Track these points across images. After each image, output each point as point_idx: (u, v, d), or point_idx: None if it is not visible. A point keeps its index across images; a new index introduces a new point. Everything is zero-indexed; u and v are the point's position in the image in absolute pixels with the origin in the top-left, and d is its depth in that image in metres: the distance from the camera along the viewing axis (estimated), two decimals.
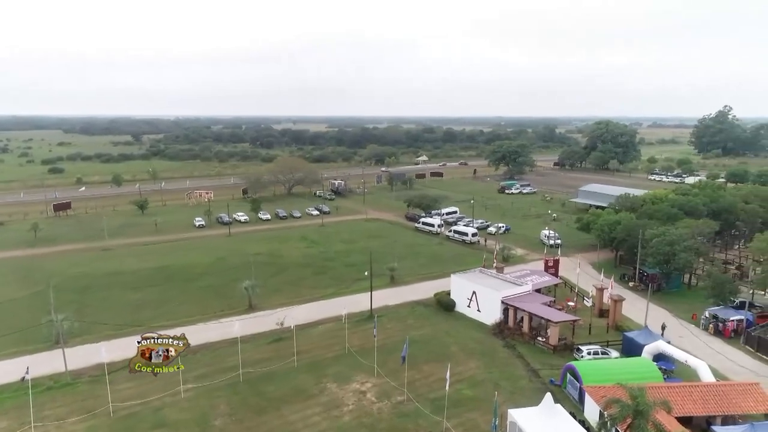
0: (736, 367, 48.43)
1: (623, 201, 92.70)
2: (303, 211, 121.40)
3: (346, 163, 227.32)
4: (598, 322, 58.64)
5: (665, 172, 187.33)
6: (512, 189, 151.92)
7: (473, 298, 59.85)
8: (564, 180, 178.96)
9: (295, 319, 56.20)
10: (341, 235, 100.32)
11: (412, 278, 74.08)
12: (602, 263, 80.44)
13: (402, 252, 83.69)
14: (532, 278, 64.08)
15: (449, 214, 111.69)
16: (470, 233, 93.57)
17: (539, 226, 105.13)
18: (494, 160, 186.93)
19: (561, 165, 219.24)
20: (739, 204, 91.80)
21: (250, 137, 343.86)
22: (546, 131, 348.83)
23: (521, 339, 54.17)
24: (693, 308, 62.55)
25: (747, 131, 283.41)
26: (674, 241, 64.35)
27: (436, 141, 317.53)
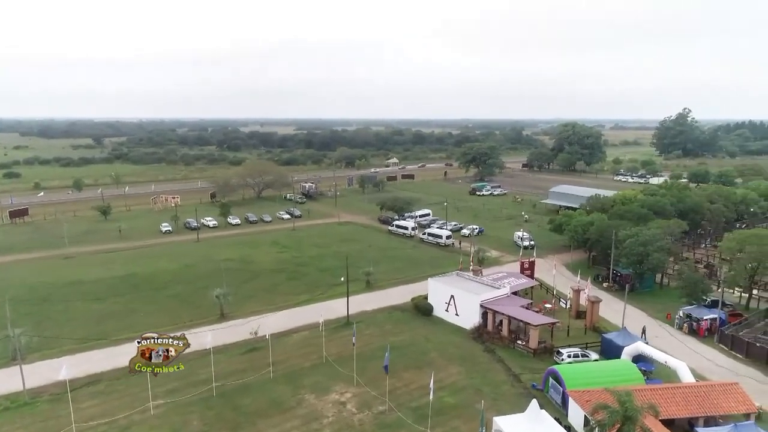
0: (713, 367, 48.88)
1: (594, 202, 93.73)
2: (274, 215, 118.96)
3: (316, 165, 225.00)
4: (576, 323, 58.68)
5: (630, 173, 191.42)
6: (483, 190, 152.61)
7: (451, 302, 59.07)
8: (533, 181, 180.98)
9: (270, 327, 54.28)
10: (314, 239, 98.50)
11: (388, 282, 72.95)
12: (575, 264, 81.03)
13: (377, 256, 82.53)
14: (509, 281, 63.76)
15: (422, 217, 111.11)
16: (444, 236, 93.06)
17: (512, 228, 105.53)
18: (465, 162, 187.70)
19: (529, 166, 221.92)
20: (704, 204, 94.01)
21: (217, 140, 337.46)
22: (513, 133, 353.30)
23: (501, 343, 53.61)
24: (666, 308, 63.27)
25: (705, 133, 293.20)
26: (647, 242, 65.01)
27: (406, 143, 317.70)
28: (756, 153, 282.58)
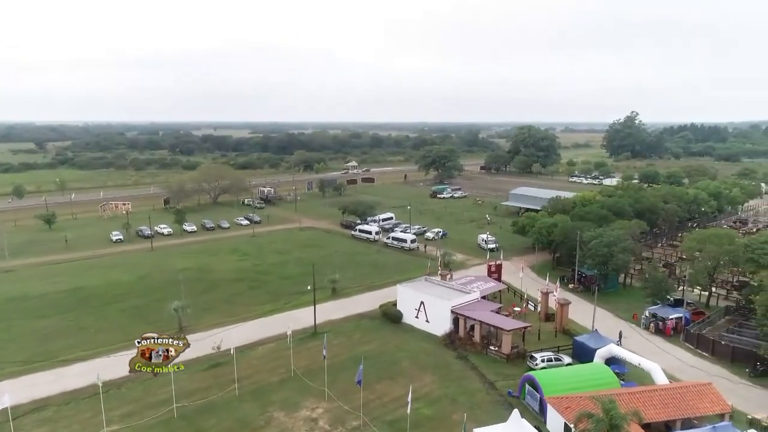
0: (683, 366, 49.26)
1: (556, 204, 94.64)
2: (232, 221, 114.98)
3: (274, 169, 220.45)
4: (545, 326, 58.41)
5: (584, 175, 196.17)
6: (444, 193, 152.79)
7: (421, 308, 57.77)
8: (491, 183, 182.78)
9: (233, 340, 51.43)
10: (275, 245, 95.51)
11: (354, 289, 71.09)
12: (540, 266, 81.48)
13: (341, 262, 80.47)
14: (478, 285, 63.07)
15: (385, 221, 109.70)
16: (409, 239, 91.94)
17: (475, 230, 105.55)
18: (424, 165, 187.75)
19: (487, 169, 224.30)
20: (659, 204, 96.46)
21: (169, 144, 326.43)
22: (470, 136, 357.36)
23: (473, 349, 52.62)
24: (631, 308, 64.00)
25: (652, 135, 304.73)
26: (612, 243, 65.65)
27: (364, 146, 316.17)
28: (699, 154, 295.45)
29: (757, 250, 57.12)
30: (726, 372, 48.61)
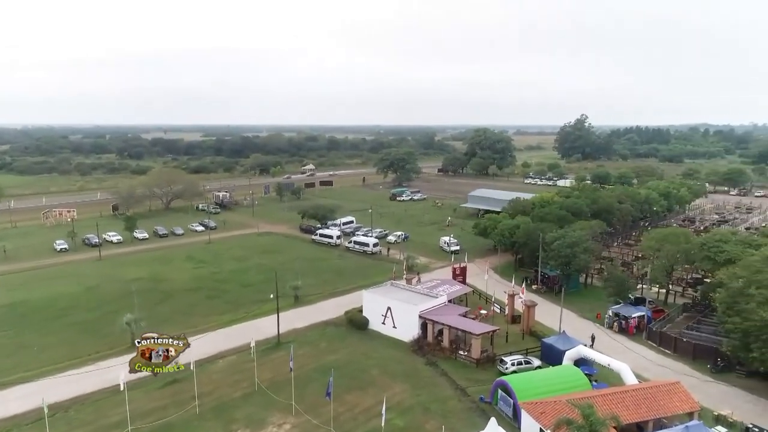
0: (649, 365, 49.76)
1: (516, 205, 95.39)
2: (186, 227, 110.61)
3: (229, 173, 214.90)
4: (512, 329, 58.19)
5: (539, 176, 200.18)
6: (403, 196, 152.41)
7: (388, 314, 56.52)
8: (449, 186, 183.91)
9: (192, 354, 48.58)
10: (232, 252, 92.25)
11: (317, 296, 69.13)
12: (503, 267, 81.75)
13: (302, 267, 78.24)
14: (444, 288, 62.40)
15: (346, 224, 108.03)
16: (371, 243, 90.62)
17: (436, 233, 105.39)
18: (382, 168, 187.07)
19: (445, 171, 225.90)
20: (614, 204, 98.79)
21: (117, 147, 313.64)
22: (426, 139, 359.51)
23: (442, 354, 51.77)
24: (594, 307, 64.70)
25: (601, 138, 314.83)
26: (574, 243, 66.30)
27: (321, 149, 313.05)
28: (644, 155, 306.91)
29: (712, 248, 58.76)
30: (688, 369, 49.50)
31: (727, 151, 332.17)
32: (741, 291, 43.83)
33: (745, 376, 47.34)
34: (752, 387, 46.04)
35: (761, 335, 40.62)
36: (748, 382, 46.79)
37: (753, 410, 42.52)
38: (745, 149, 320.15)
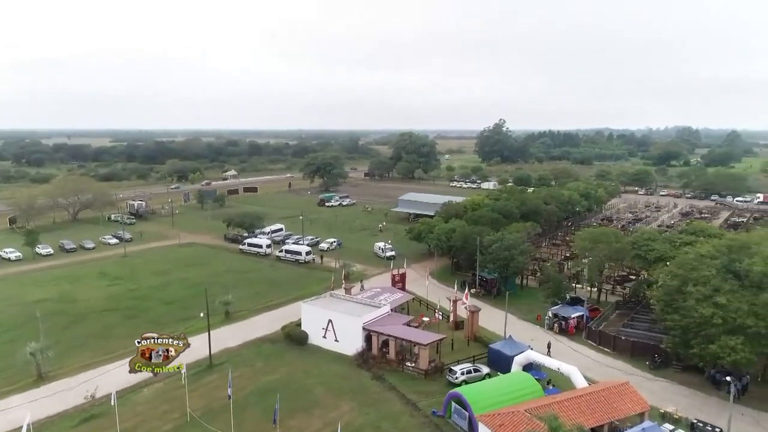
0: (592, 365, 50.03)
1: (449, 209, 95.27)
2: (97, 240, 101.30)
3: (143, 180, 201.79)
4: (457, 335, 57.00)
5: (464, 179, 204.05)
6: (332, 201, 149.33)
7: (329, 327, 53.53)
8: (377, 190, 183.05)
9: (111, 384, 43.57)
10: (152, 265, 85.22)
11: (250, 311, 64.76)
12: (439, 272, 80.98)
13: (232, 280, 73.47)
14: (386, 297, 60.33)
15: (275, 232, 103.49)
16: (304, 252, 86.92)
17: (369, 239, 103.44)
18: (309, 173, 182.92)
19: (371, 175, 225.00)
20: (541, 205, 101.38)
21: (13, 154, 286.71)
22: (350, 143, 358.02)
23: (388, 367, 49.51)
24: (532, 309, 65.07)
25: (518, 141, 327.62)
26: (511, 246, 66.51)
27: (242, 154, 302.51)
28: (558, 158, 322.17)
29: (643, 247, 60.82)
30: (629, 366, 50.42)
31: (630, 154, 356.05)
32: (678, 289, 45.00)
33: (682, 371, 48.84)
34: (689, 381, 47.48)
35: (700, 331, 41.72)
36: (684, 376, 48.25)
37: (693, 404, 43.69)
38: (645, 152, 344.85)
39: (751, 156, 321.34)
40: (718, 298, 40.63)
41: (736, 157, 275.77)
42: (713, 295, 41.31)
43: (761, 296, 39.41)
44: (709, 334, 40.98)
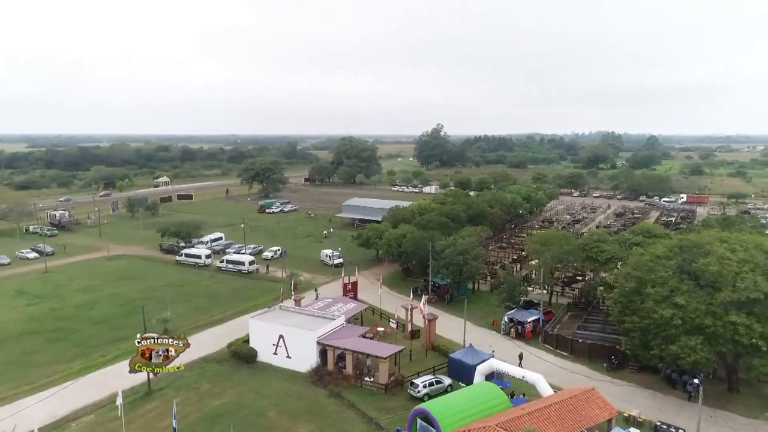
0: (553, 369, 49.37)
1: (396, 214, 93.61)
2: (13, 254, 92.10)
3: (65, 189, 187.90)
4: (413, 345, 54.96)
5: (405, 184, 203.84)
6: (273, 207, 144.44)
7: (280, 342, 50.15)
8: (318, 195, 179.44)
9: (34, 419, 38.34)
10: (78, 281, 78.10)
11: (190, 328, 59.89)
12: (389, 278, 78.96)
13: (169, 295, 68.13)
14: (339, 307, 57.52)
15: (215, 242, 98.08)
16: (247, 261, 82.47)
17: (314, 246, 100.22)
18: (247, 179, 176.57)
19: (312, 180, 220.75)
20: (487, 209, 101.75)
21: None
22: (288, 148, 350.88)
23: (346, 383, 46.79)
24: (486, 313, 64.24)
25: (456, 146, 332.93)
26: (465, 250, 65.48)
27: (174, 160, 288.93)
28: (494, 162, 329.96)
29: (593, 248, 61.36)
30: (587, 369, 50.26)
31: (561, 157, 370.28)
32: (636, 290, 45.11)
33: (638, 371, 49.19)
34: (646, 381, 47.79)
35: (660, 332, 41.83)
36: (641, 376, 48.58)
37: (653, 405, 43.81)
38: (575, 155, 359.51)
39: (669, 159, 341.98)
40: (676, 299, 40.82)
41: (656, 160, 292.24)
42: (671, 295, 41.51)
43: (717, 296, 39.86)
44: (668, 335, 41.11)
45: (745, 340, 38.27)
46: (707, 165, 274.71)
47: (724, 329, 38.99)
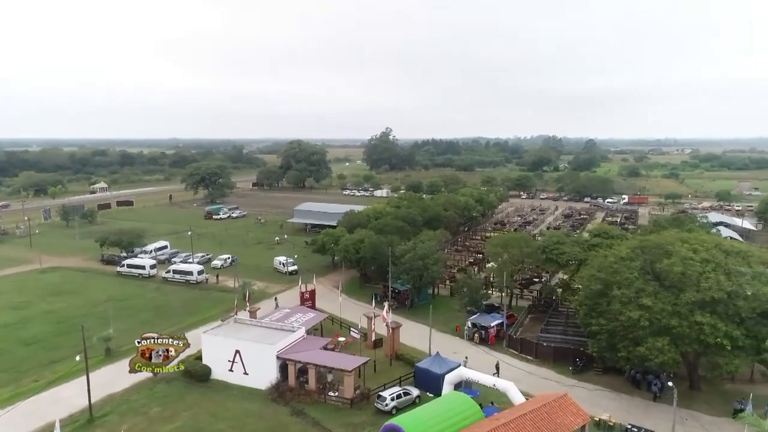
0: (521, 375, 48.55)
1: (351, 218, 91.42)
2: None
3: None
4: (377, 355, 52.96)
5: (356, 187, 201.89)
6: (220, 213, 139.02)
7: (237, 358, 46.98)
8: (268, 200, 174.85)
9: None
10: (6, 297, 71.53)
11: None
12: (346, 285, 76.62)
13: (111, 309, 63.24)
14: (298, 318, 54.84)
15: (159, 251, 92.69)
16: (196, 271, 78.06)
17: (266, 253, 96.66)
18: (192, 184, 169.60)
19: (260, 185, 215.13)
20: (442, 212, 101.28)
21: None
22: (234, 152, 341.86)
23: (308, 399, 44.25)
24: (447, 319, 63.10)
25: (405, 150, 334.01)
26: (425, 255, 64.18)
27: (112, 165, 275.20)
28: (442, 165, 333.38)
29: (554, 251, 61.37)
30: (553, 373, 49.84)
31: (507, 160, 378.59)
32: (601, 292, 44.96)
33: (602, 373, 49.18)
34: (611, 383, 47.78)
35: (627, 334, 41.70)
36: (606, 378, 48.57)
37: (620, 407, 43.70)
38: (519, 158, 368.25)
39: (608, 162, 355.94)
40: (643, 300, 40.79)
41: (596, 162, 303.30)
42: (638, 297, 41.48)
43: (682, 296, 40.08)
44: (636, 336, 41.02)
45: (711, 340, 38.57)
46: (643, 167, 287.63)
47: (690, 329, 39.19)
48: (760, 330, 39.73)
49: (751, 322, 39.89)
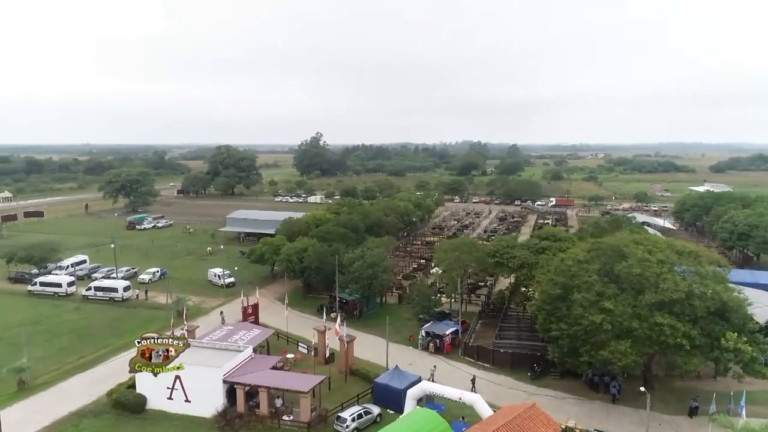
0: (483, 384, 47.08)
1: (290, 226, 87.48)
2: None
3: None
4: (330, 371, 49.81)
5: (289, 194, 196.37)
6: (144, 223, 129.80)
7: (177, 384, 42.34)
8: (195, 208, 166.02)
9: None
10: None
11: (54, 375, 49.35)
12: (290, 296, 72.64)
13: (23, 335, 55.93)
14: (241, 335, 50.66)
15: (77, 266, 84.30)
16: (121, 287, 71.24)
17: (197, 264, 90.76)
18: (111, 192, 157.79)
19: (186, 192, 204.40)
20: (383, 218, 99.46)
21: None
22: (156, 158, 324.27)
23: (260, 426, 40.51)
24: (398, 328, 60.75)
25: (335, 155, 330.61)
26: (375, 263, 61.81)
27: (16, 172, 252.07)
28: (373, 170, 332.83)
29: (504, 255, 60.83)
30: (512, 380, 48.84)
31: (436, 165, 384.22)
32: (561, 296, 44.43)
33: (560, 377, 48.81)
34: (570, 387, 47.46)
35: (589, 338, 41.26)
36: (564, 383, 48.18)
37: (581, 412, 43.28)
38: (448, 163, 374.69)
39: (531, 166, 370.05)
40: (604, 304, 40.52)
41: (520, 167, 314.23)
42: (598, 300, 41.18)
43: (641, 298, 40.16)
44: (598, 340, 40.63)
45: (671, 341, 38.74)
46: (564, 170, 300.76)
47: (651, 331, 39.26)
48: (713, 328, 40.48)
49: (705, 321, 40.57)
